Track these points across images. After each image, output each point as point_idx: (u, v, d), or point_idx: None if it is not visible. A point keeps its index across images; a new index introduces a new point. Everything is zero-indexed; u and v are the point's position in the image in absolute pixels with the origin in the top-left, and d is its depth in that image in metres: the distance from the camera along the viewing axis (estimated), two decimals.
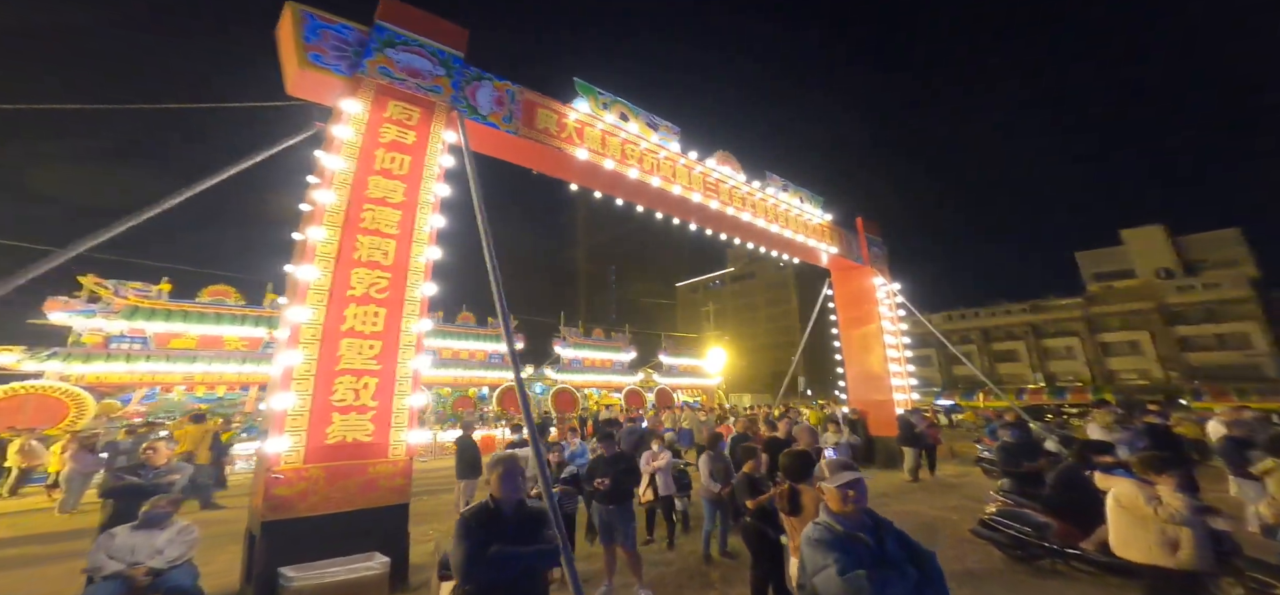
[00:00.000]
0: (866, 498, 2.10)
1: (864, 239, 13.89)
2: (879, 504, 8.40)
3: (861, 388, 13.19)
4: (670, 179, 8.72)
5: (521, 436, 6.98)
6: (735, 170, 10.37)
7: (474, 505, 2.23)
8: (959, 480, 10.90)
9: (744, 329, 54.81)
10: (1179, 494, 3.19)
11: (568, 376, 20.95)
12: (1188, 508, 3.11)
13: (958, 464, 12.77)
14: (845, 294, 14.02)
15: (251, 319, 12.29)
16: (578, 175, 7.52)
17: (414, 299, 4.19)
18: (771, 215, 10.97)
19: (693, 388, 27.30)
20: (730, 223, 10.17)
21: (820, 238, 12.25)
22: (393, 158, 4.45)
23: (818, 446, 5.74)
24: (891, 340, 13.17)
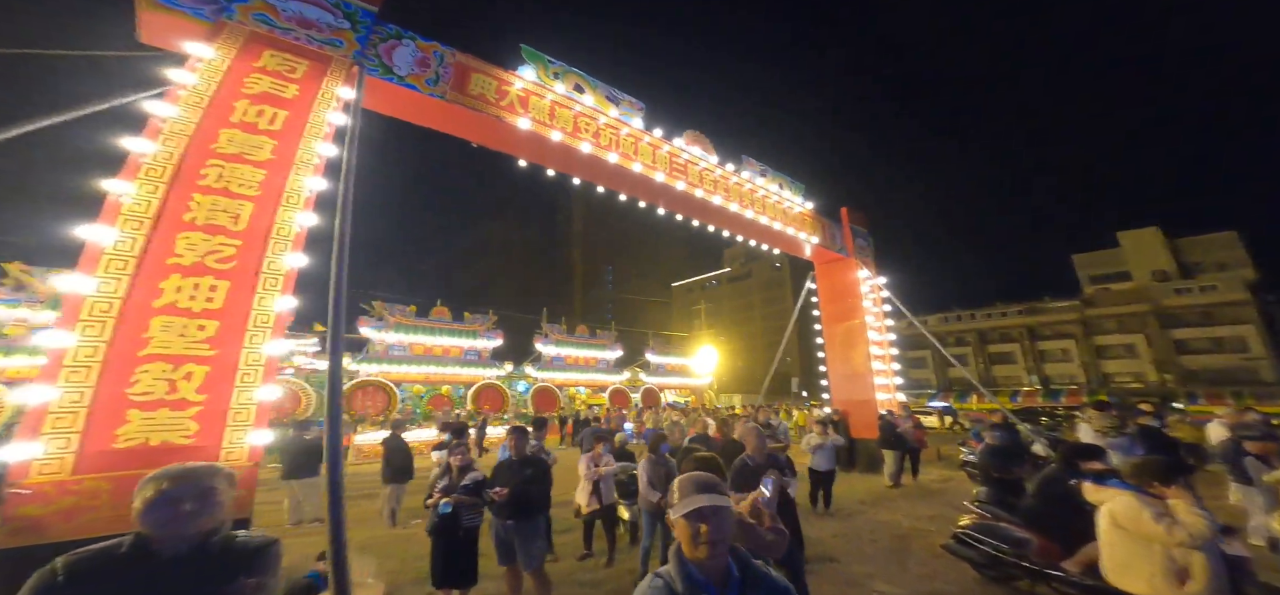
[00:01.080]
0: (728, 534, 1.39)
1: (848, 230, 13.19)
2: (854, 512, 7.67)
3: (844, 387, 12.48)
4: (630, 156, 8.01)
5: (447, 439, 6.24)
6: (706, 151, 9.66)
7: (89, 550, 1.34)
8: (942, 486, 10.18)
9: (740, 329, 54.12)
10: (1197, 511, 2.49)
11: (549, 374, 20.24)
12: (1210, 528, 2.42)
13: (944, 468, 12.06)
14: (828, 288, 13.31)
15: None
16: (520, 147, 6.82)
17: (276, 271, 3.49)
18: (746, 200, 10.26)
19: (681, 387, 26.59)
20: (699, 206, 9.46)
21: (801, 227, 11.54)
22: (262, 111, 3.76)
23: (769, 453, 5.03)
24: (876, 337, 12.46)
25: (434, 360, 16.37)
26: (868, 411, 11.68)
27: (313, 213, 3.78)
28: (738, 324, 55.85)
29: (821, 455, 7.66)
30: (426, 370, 16.09)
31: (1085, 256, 56.07)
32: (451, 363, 16.84)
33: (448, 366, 16.68)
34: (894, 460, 9.99)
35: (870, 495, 9.34)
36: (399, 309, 15.71)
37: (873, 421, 11.25)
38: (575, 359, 21.49)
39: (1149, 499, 2.73)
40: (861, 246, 13.40)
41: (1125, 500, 2.80)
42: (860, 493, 9.57)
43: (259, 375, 3.26)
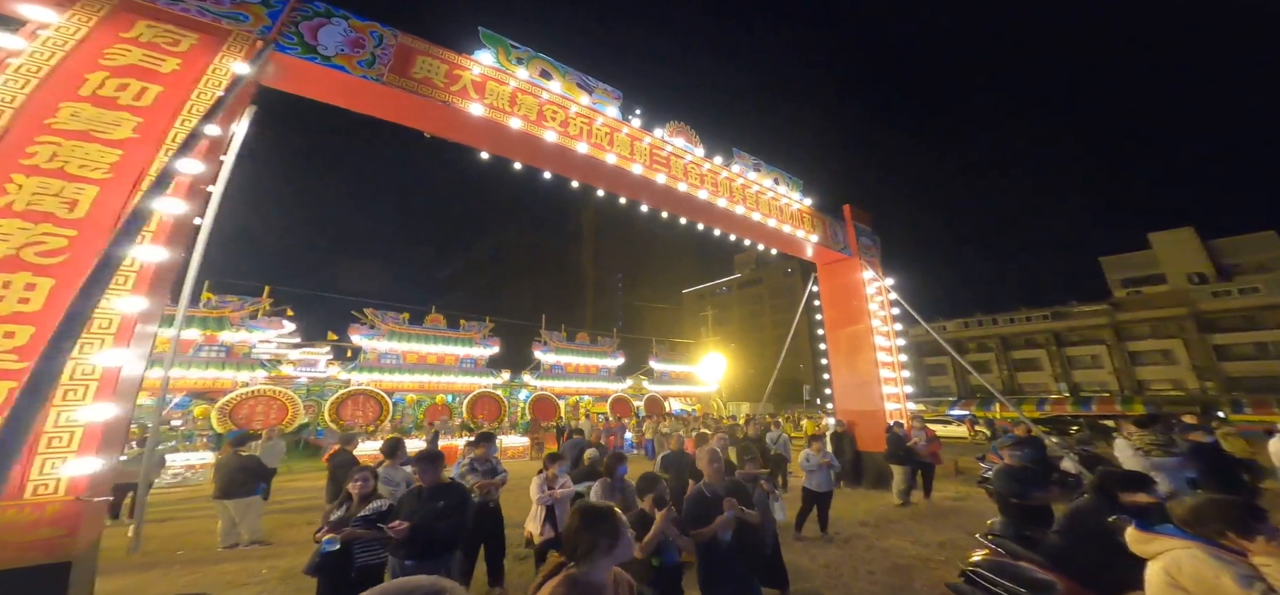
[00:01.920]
0: None
1: (852, 228, 12.26)
2: (853, 535, 6.71)
3: (849, 396, 11.49)
4: (604, 147, 7.36)
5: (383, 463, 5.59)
6: (691, 142, 8.95)
7: None
8: (957, 505, 9.12)
9: (751, 336, 52.81)
10: None
11: (549, 383, 19.62)
12: None
13: (962, 483, 10.93)
14: (831, 290, 12.37)
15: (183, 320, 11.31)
16: (476, 136, 6.22)
17: (128, 268, 2.93)
18: (737, 195, 9.49)
19: (687, 395, 25.66)
20: (684, 201, 8.73)
21: (799, 224, 10.69)
22: (124, 85, 3.24)
23: (736, 478, 4.26)
24: (883, 342, 11.45)
25: (428, 369, 15.92)
26: (875, 422, 10.68)
27: (183, 200, 3.22)
28: (748, 331, 54.54)
29: (819, 475, 6.78)
30: (420, 379, 15.65)
31: (1114, 259, 53.21)
32: (447, 371, 16.36)
33: (443, 375, 16.21)
34: (904, 476, 8.99)
35: (874, 515, 8.36)
36: (392, 316, 15.35)
37: (880, 433, 10.25)
38: (575, 367, 20.84)
39: (1227, 556, 1.89)
40: (866, 246, 12.45)
41: (1192, 556, 1.95)
42: (863, 512, 8.60)
43: (90, 392, 2.68)
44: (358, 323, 14.64)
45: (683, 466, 5.71)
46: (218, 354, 11.80)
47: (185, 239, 3.49)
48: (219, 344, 11.85)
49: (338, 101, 5.12)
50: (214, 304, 11.90)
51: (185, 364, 11.07)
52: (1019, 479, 4.81)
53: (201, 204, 3.87)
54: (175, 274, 3.55)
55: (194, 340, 11.49)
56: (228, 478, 5.57)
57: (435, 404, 16.45)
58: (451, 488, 3.53)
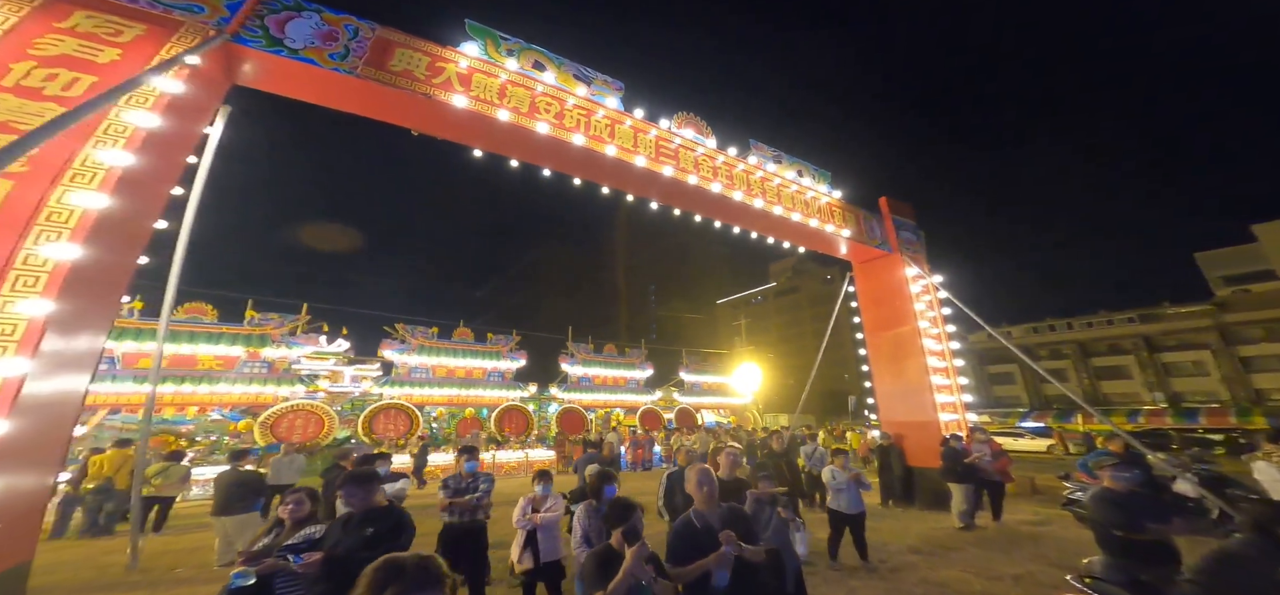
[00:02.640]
0: None
1: (891, 222, 10.98)
2: (902, 565, 5.49)
3: (895, 405, 10.11)
4: (604, 139, 6.83)
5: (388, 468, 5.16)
6: (701, 133, 8.26)
7: None
8: (1037, 531, 7.60)
9: (790, 346, 50.32)
10: None
11: (576, 395, 19.18)
12: None
13: (1038, 505, 9.25)
14: (870, 290, 11.09)
15: (228, 337, 11.96)
16: (462, 131, 5.88)
17: (37, 266, 2.67)
18: (755, 189, 8.65)
19: (720, 407, 24.39)
20: (695, 196, 8.02)
21: (828, 219, 9.65)
22: (53, 75, 3.08)
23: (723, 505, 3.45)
24: (934, 344, 10.03)
25: (457, 382, 15.95)
26: (927, 435, 9.27)
27: (108, 195, 2.97)
28: (787, 340, 51.97)
29: (847, 494, 5.72)
30: (449, 392, 15.68)
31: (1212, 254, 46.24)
32: (475, 385, 16.34)
33: (471, 389, 16.19)
34: (965, 496, 7.61)
35: (930, 541, 7.07)
36: (421, 331, 15.57)
37: (934, 447, 8.86)
38: (603, 379, 20.29)
39: None
40: (908, 240, 11.11)
41: None
42: (915, 536, 7.32)
43: None
44: (389, 338, 14.94)
45: None
46: (260, 370, 12.32)
47: (123, 239, 3.24)
48: (261, 360, 12.37)
49: (310, 97, 4.93)
50: (257, 321, 12.50)
51: (231, 379, 11.61)
52: (1125, 505, 3.62)
53: (161, 207, 3.64)
54: (120, 276, 3.31)
55: (238, 356, 12.06)
56: (224, 494, 5.37)
57: (465, 417, 16.41)
58: (386, 513, 2.97)
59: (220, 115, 4.27)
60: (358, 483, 2.92)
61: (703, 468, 2.90)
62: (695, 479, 2.85)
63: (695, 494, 2.85)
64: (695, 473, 2.87)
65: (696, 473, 2.87)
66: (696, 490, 2.84)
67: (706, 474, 2.87)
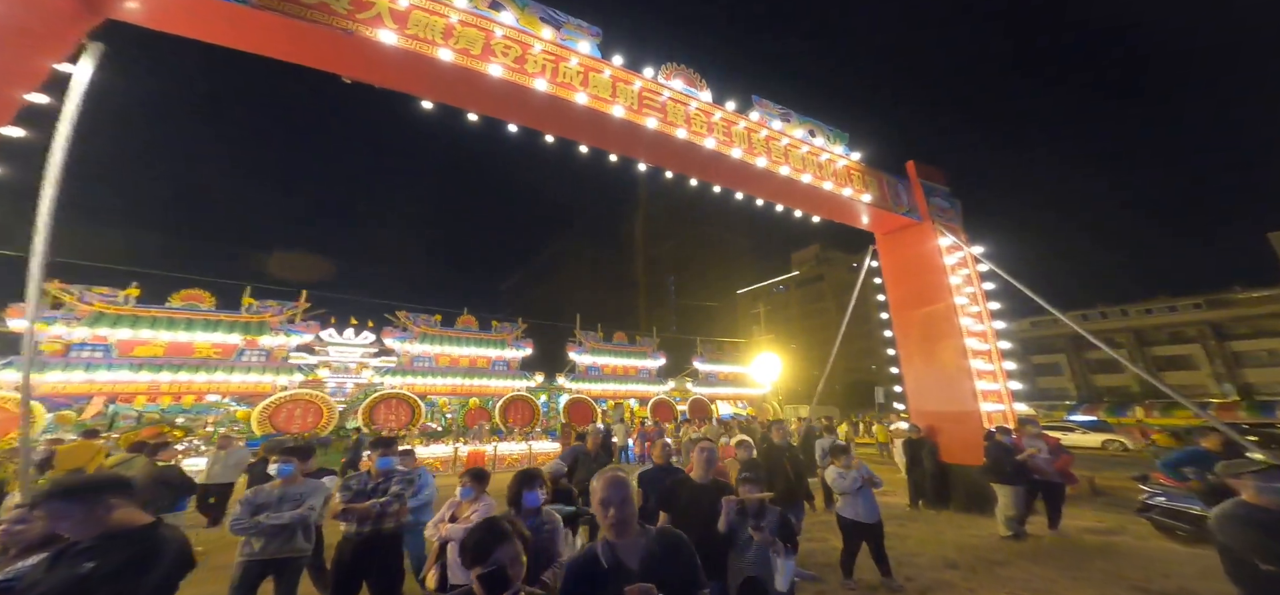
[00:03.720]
0: None
1: (919, 187, 9.55)
2: (937, 584, 3.32)
3: (928, 394, 8.75)
4: (572, 86, 5.87)
5: None
6: (693, 86, 7.17)
7: None
8: (1106, 542, 6.23)
9: (814, 336, 48.10)
10: None
11: (585, 385, 18.42)
12: None
13: (1102, 510, 7.76)
14: (896, 264, 9.70)
15: (225, 325, 11.78)
16: (400, 76, 5.03)
17: None
18: (758, 147, 7.49)
19: (736, 397, 23.13)
20: (684, 154, 6.95)
21: (845, 182, 8.36)
22: None
23: (648, 528, 2.44)
24: (973, 324, 8.59)
25: (461, 371, 15.46)
26: (965, 428, 7.92)
27: None
28: (809, 331, 49.68)
29: (859, 500, 4.58)
30: (452, 382, 15.20)
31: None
32: (479, 374, 15.81)
33: (475, 378, 15.66)
34: (1014, 499, 6.29)
35: (970, 552, 5.83)
36: (423, 318, 15.15)
37: (974, 441, 7.53)
38: (613, 368, 19.44)
39: None
40: (940, 207, 9.64)
41: None
42: (952, 546, 6.09)
43: None
44: (391, 325, 14.56)
45: (674, 490, 3.78)
46: (258, 358, 12.11)
47: None
48: (259, 348, 12.16)
49: (199, 34, 4.17)
50: (254, 309, 12.30)
51: (228, 368, 11.42)
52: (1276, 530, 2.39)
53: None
54: None
55: (236, 344, 11.88)
56: (141, 494, 4.68)
57: (470, 407, 15.90)
58: (124, 540, 1.96)
59: (88, 54, 3.57)
60: (68, 497, 1.87)
61: (614, 475, 1.88)
62: (602, 490, 1.85)
63: (600, 516, 1.85)
64: (603, 482, 1.88)
65: (605, 482, 1.87)
66: (601, 509, 1.84)
67: (617, 485, 1.86)
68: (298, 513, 3.02)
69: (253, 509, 2.97)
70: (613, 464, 6.36)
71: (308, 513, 3.07)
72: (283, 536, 2.96)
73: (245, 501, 3.00)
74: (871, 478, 4.53)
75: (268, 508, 3.00)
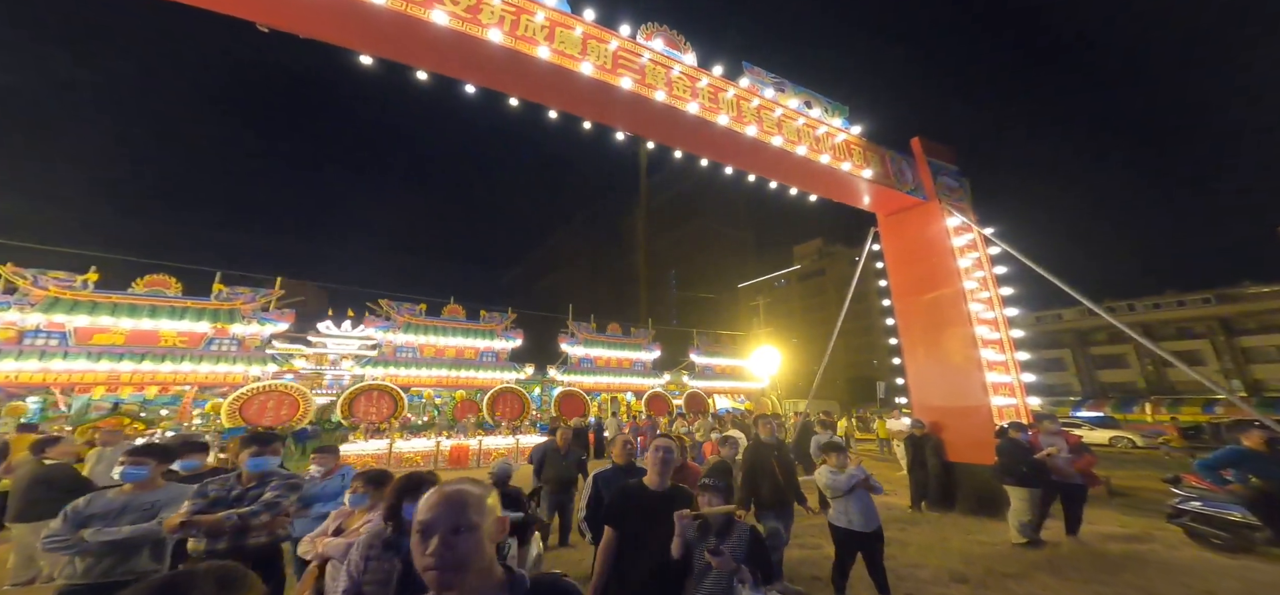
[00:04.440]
0: None
1: (925, 165, 8.79)
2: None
3: (931, 387, 8.04)
4: (533, 40, 5.16)
5: None
6: (676, 48, 6.43)
7: None
8: (1131, 550, 5.55)
9: (816, 330, 47.35)
10: None
11: (577, 378, 17.79)
12: None
13: (1123, 513, 7.06)
14: (900, 247, 8.96)
15: (193, 312, 11.17)
16: (323, 22, 4.34)
17: None
18: (749, 117, 6.76)
19: (734, 391, 22.48)
20: (663, 119, 6.23)
21: (844, 157, 7.62)
22: None
23: None
24: (984, 310, 7.86)
25: (447, 363, 14.85)
26: (972, 423, 7.22)
27: None
28: (811, 325, 48.88)
29: (849, 504, 3.90)
30: (438, 373, 14.60)
31: None
32: (466, 365, 15.20)
33: (462, 370, 15.05)
34: (1029, 503, 5.59)
35: (979, 562, 5.16)
36: (408, 308, 14.52)
37: (983, 439, 6.84)
38: (606, 360, 18.79)
39: None
40: (948, 186, 8.88)
41: None
42: (959, 554, 5.42)
43: None
44: (373, 314, 13.94)
45: (623, 500, 2.97)
46: (229, 347, 11.53)
47: None
48: (230, 337, 11.56)
49: None
50: (225, 296, 11.68)
51: (196, 358, 10.82)
52: None
53: None
54: None
55: (204, 333, 11.28)
56: (23, 495, 4.03)
57: (457, 400, 15.32)
58: None
59: None
60: None
61: (446, 493, 1.14)
62: (425, 512, 1.10)
63: (415, 551, 1.12)
64: (427, 503, 1.13)
65: (428, 504, 1.12)
66: (418, 541, 1.09)
67: (448, 506, 1.11)
68: (143, 527, 2.36)
69: (78, 522, 2.32)
70: (600, 460, 5.65)
71: (158, 526, 2.41)
72: (115, 556, 2.31)
73: (71, 512, 2.35)
74: (869, 480, 3.84)
75: (101, 519, 2.35)
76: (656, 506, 2.48)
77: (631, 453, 3.74)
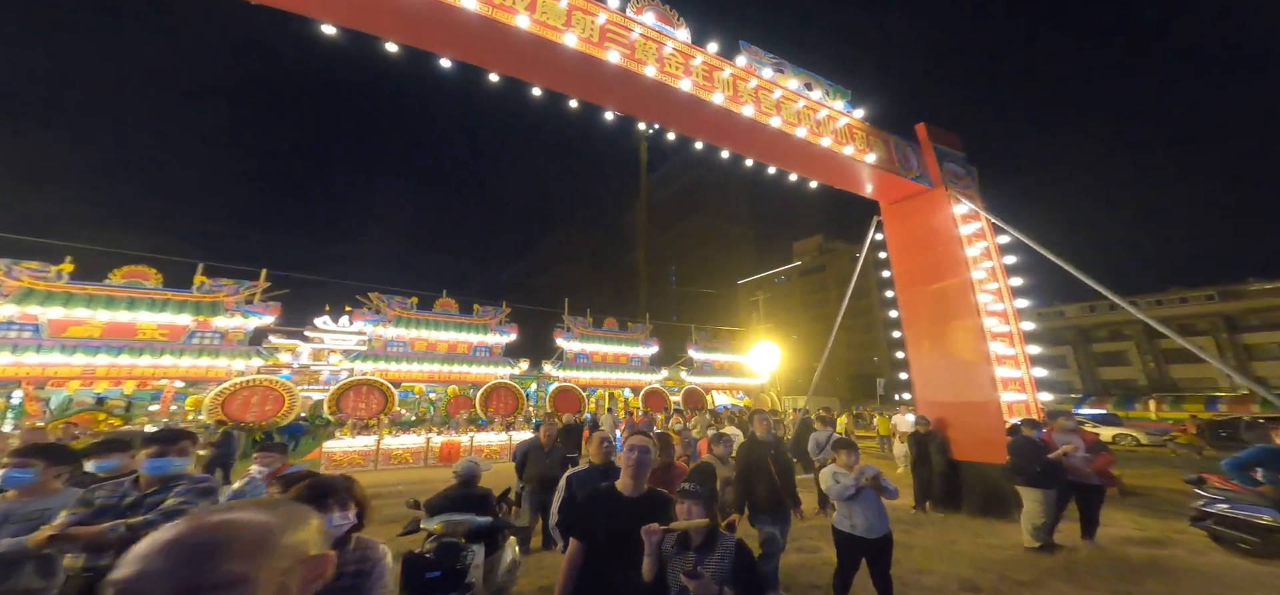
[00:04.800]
0: None
1: (931, 151, 8.38)
2: None
3: (936, 382, 7.65)
4: (512, 9, 4.77)
5: None
6: (668, 23, 6.03)
7: None
8: (1153, 555, 5.19)
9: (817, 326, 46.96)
10: None
11: (573, 373, 17.44)
12: None
13: (1139, 514, 6.69)
14: (904, 235, 8.56)
15: (174, 304, 10.81)
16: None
17: None
18: (744, 96, 6.36)
19: (733, 388, 22.12)
20: (654, 96, 5.84)
21: (847, 142, 7.22)
22: None
23: None
24: (992, 302, 7.47)
25: (439, 357, 14.49)
26: (980, 420, 6.85)
27: None
28: (812, 321, 48.49)
29: (856, 509, 3.53)
30: (430, 368, 14.25)
31: None
32: (459, 360, 14.84)
33: (454, 365, 14.70)
34: (1043, 505, 5.22)
35: (991, 568, 4.80)
36: (398, 301, 14.16)
37: (992, 437, 6.47)
38: (602, 355, 18.42)
39: None
40: (955, 173, 8.47)
41: None
42: (967, 560, 5.06)
43: None
44: (362, 307, 13.57)
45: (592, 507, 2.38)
46: (212, 341, 11.17)
47: None
48: (212, 330, 11.20)
49: None
50: (207, 288, 11.31)
51: (176, 351, 10.46)
52: None
53: None
54: None
55: (186, 326, 10.91)
56: None
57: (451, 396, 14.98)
58: None
59: None
60: None
61: (183, 534, 0.78)
62: None
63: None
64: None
65: None
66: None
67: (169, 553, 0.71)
68: (18, 542, 1.99)
69: None
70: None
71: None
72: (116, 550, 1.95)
73: None
74: (879, 479, 3.46)
75: None
76: (629, 515, 2.11)
77: (609, 451, 3.37)
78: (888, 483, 3.49)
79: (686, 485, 2.11)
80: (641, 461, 2.19)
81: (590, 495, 2.29)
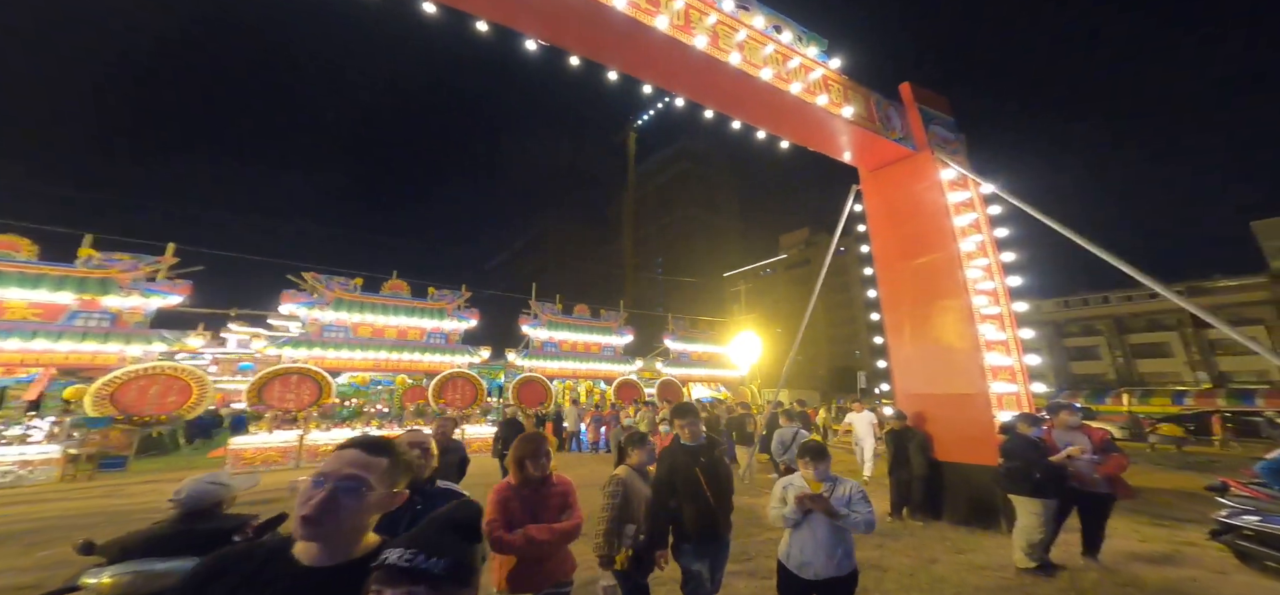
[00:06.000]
0: None
1: (916, 112, 7.34)
2: None
3: (916, 371, 6.66)
4: None
5: None
6: None
7: None
8: (1166, 577, 4.25)
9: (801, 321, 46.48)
10: None
11: (539, 363, 16.21)
12: None
13: (1144, 524, 5.80)
14: (885, 205, 7.54)
15: (51, 280, 9.27)
16: None
17: None
18: (697, 25, 5.19)
19: (711, 380, 21.16)
20: (582, 17, 4.62)
21: (820, 92, 6.11)
22: None
23: None
24: (982, 280, 6.49)
25: (387, 344, 13.14)
26: (967, 415, 5.88)
27: None
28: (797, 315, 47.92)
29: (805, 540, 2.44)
30: (375, 355, 12.89)
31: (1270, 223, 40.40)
32: (410, 348, 13.50)
33: (405, 352, 13.36)
34: (1042, 518, 4.22)
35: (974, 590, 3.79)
36: (339, 282, 12.74)
37: (982, 435, 5.50)
38: (572, 344, 17.23)
39: None
40: (942, 137, 7.45)
41: None
42: (953, 587, 4.04)
43: None
44: (295, 289, 12.11)
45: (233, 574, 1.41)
46: (100, 322, 9.68)
47: None
48: (102, 310, 9.70)
49: None
50: (96, 262, 9.77)
51: (53, 335, 8.93)
52: None
53: None
54: None
55: (66, 305, 9.39)
56: None
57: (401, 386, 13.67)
58: None
59: None
60: None
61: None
62: None
63: None
64: None
65: None
66: None
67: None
68: None
69: None
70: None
71: None
72: None
73: None
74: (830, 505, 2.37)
75: None
76: None
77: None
78: (865, 512, 2.41)
79: (403, 556, 0.95)
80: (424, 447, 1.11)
81: (238, 555, 1.10)
